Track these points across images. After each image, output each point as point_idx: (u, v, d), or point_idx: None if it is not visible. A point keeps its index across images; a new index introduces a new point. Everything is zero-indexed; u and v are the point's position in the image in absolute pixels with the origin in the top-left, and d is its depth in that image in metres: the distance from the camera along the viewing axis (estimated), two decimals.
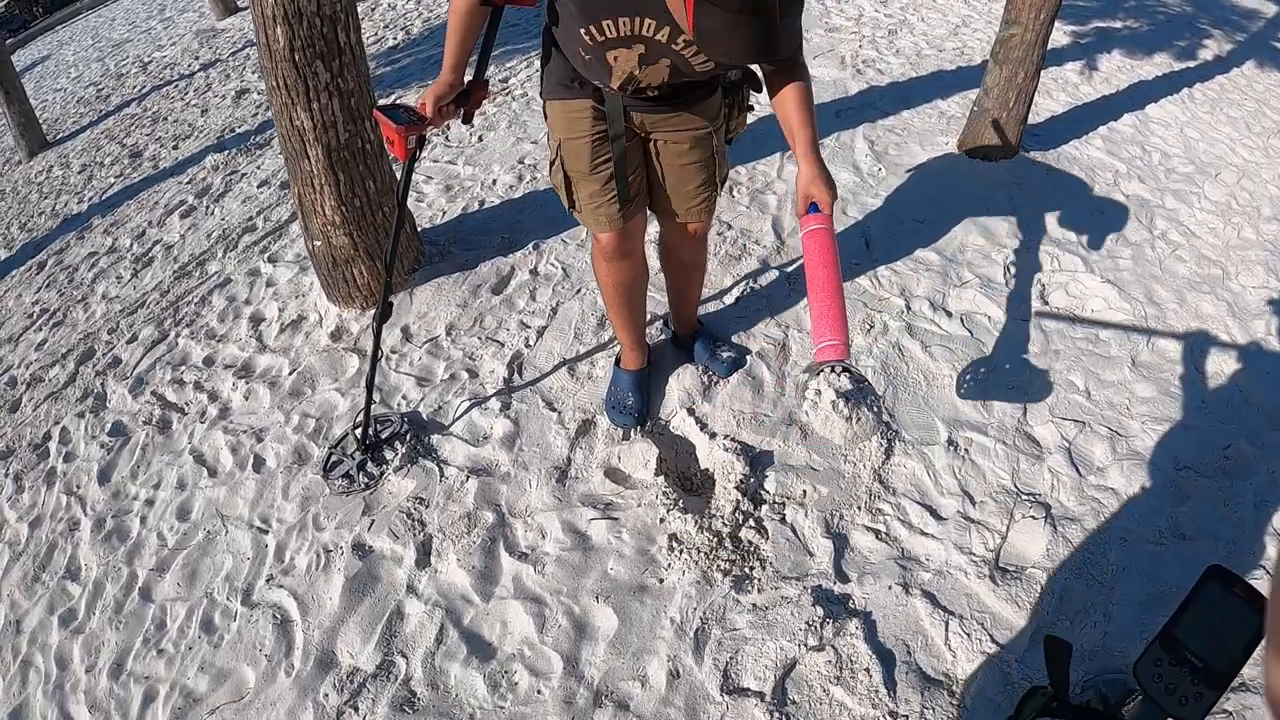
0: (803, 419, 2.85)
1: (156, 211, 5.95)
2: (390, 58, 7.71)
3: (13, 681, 2.89)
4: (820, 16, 6.56)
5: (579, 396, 3.18)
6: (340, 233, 3.57)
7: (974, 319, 3.37)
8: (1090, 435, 2.88)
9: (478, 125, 5.54)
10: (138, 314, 4.64)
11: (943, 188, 4.15)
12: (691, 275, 2.98)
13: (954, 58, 5.70)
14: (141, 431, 3.68)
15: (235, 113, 7.72)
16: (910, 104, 5.02)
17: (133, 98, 9.90)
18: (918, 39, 6.04)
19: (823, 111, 4.96)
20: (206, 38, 11.29)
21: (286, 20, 3.12)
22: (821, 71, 5.51)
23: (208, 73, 9.57)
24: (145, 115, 8.87)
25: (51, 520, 3.45)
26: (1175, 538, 2.53)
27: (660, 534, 2.64)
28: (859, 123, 4.80)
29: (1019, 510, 2.62)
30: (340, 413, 3.37)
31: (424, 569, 2.69)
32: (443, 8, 8.95)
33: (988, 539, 2.55)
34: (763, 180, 4.30)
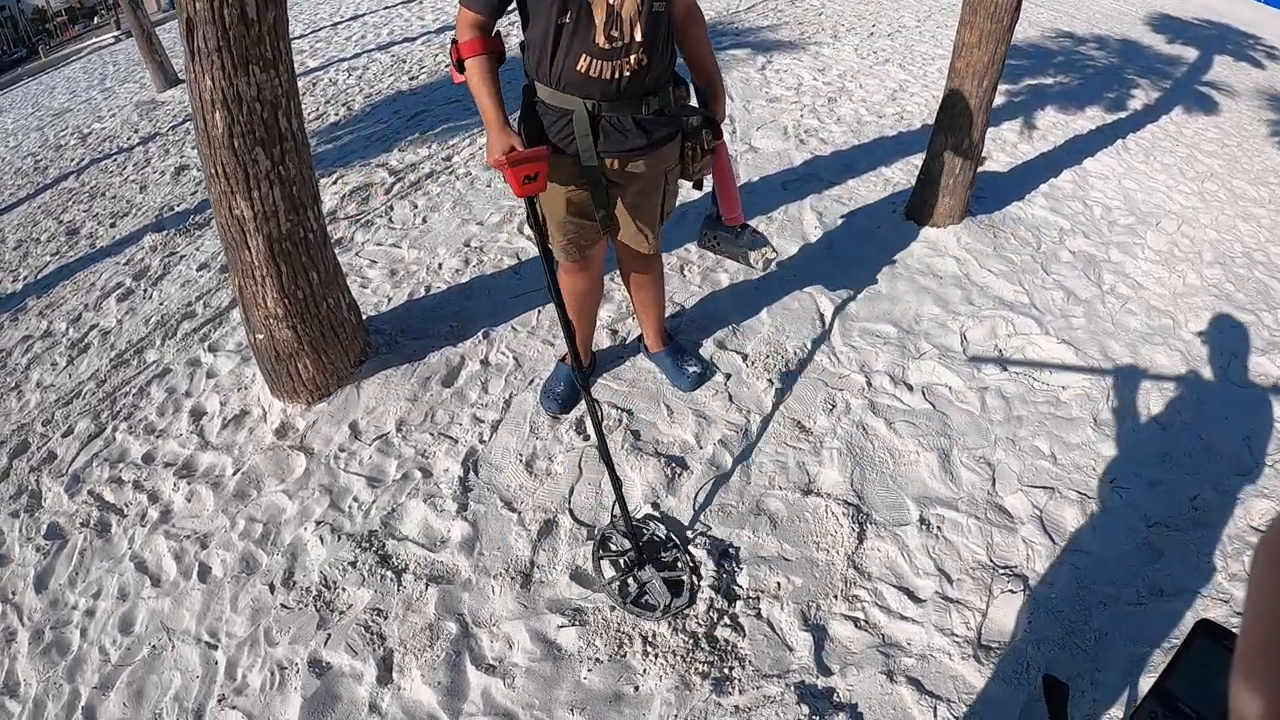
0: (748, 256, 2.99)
1: (93, 294, 5.76)
2: (332, 134, 7.62)
3: None
4: (760, 87, 6.64)
5: (538, 495, 3.07)
6: (283, 325, 3.43)
7: (935, 391, 3.35)
8: (1060, 501, 2.89)
9: (421, 206, 5.46)
10: (74, 404, 4.45)
11: (894, 257, 4.15)
12: (646, 290, 3.23)
13: (894, 123, 5.77)
14: (79, 534, 3.49)
15: (174, 190, 7.57)
16: (855, 173, 5.05)
17: (71, 171, 9.71)
18: (857, 106, 6.12)
19: (769, 184, 4.99)
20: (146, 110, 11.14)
21: (226, 105, 3.00)
22: (765, 143, 5.54)
23: (147, 147, 9.42)
24: (83, 190, 8.68)
25: None
26: (1154, 596, 2.54)
27: (634, 638, 2.53)
28: (805, 194, 4.81)
29: (997, 585, 2.60)
30: (288, 516, 3.21)
31: (386, 686, 2.54)
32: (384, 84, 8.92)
33: (968, 618, 2.51)
34: (713, 258, 4.25)
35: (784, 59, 7.32)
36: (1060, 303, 3.85)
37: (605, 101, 2.46)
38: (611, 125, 2.52)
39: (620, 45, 2.35)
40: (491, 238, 4.80)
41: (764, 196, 4.81)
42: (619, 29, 2.32)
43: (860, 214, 4.57)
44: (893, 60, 7.27)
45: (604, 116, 2.50)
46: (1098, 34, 9.00)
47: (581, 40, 2.35)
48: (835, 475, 2.99)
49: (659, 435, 3.21)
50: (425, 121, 7.31)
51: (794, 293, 3.90)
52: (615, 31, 2.32)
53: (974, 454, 3.08)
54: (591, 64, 2.38)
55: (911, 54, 7.49)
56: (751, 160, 5.33)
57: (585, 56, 2.37)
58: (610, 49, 2.35)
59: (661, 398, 3.37)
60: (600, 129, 2.52)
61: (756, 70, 7.04)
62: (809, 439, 3.15)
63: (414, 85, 8.56)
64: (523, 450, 3.25)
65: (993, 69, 3.93)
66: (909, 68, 7.05)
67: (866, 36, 8.02)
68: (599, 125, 2.51)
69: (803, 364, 3.48)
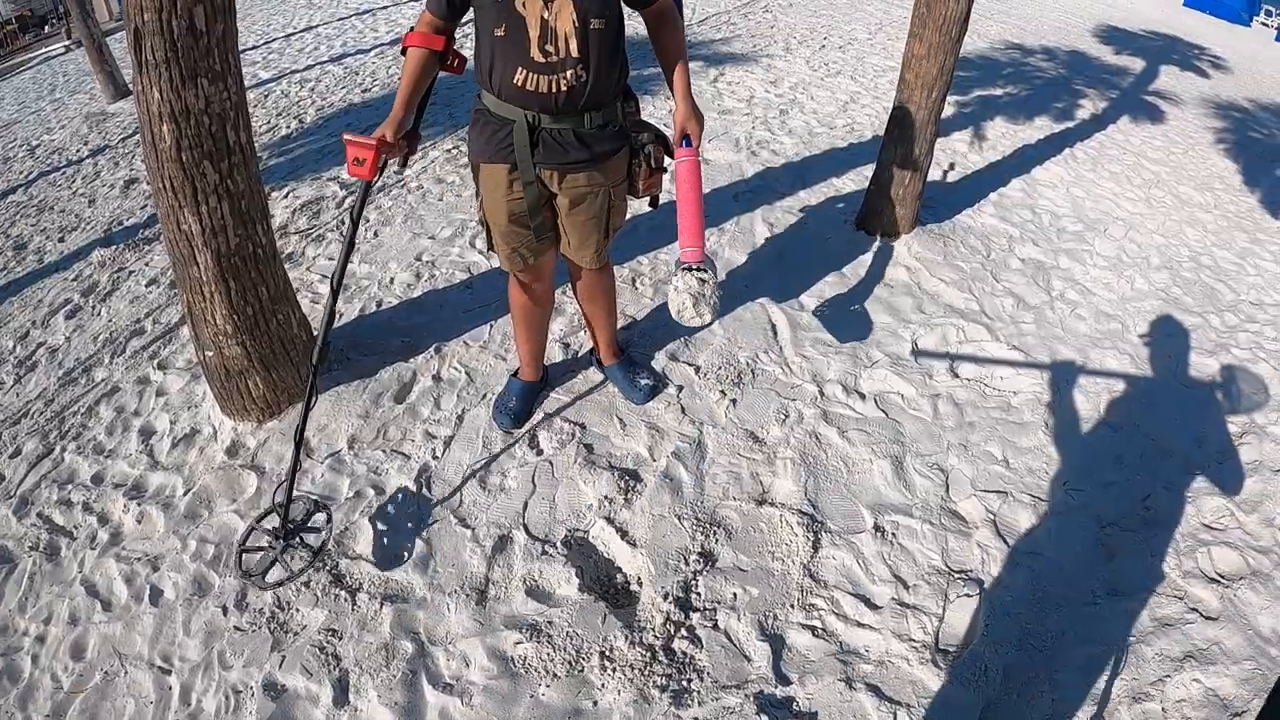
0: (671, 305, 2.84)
1: (41, 310, 5.66)
2: (283, 148, 7.53)
3: None
4: (713, 100, 6.67)
5: (492, 510, 3.05)
6: (233, 342, 3.39)
7: (887, 399, 3.38)
8: (1014, 504, 2.92)
9: (373, 220, 5.40)
10: (21, 424, 4.36)
11: (845, 267, 4.18)
12: (595, 303, 3.24)
13: (845, 134, 5.83)
14: (28, 558, 3.43)
15: (124, 204, 7.45)
16: (806, 183, 5.09)
17: (19, 184, 9.53)
18: (809, 118, 6.17)
19: (720, 195, 5.00)
20: (96, 121, 10.96)
21: (173, 118, 2.95)
22: (717, 155, 5.56)
23: (96, 159, 9.26)
24: (31, 204, 8.52)
25: None
26: (1109, 595, 2.58)
27: (591, 653, 2.52)
28: (757, 205, 4.84)
29: (953, 590, 2.62)
30: (241, 536, 3.16)
31: (343, 708, 2.52)
32: (337, 96, 8.83)
33: (925, 623, 2.53)
34: (665, 270, 4.26)
35: (736, 71, 7.36)
36: (1010, 309, 3.90)
37: (545, 114, 2.48)
38: (551, 138, 2.53)
39: (556, 60, 2.37)
40: (443, 252, 4.77)
41: (716, 208, 4.82)
42: (554, 44, 2.35)
43: (811, 224, 4.60)
44: (844, 72, 7.34)
45: (544, 129, 2.52)
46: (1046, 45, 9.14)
47: (517, 53, 2.39)
48: (789, 485, 3.00)
49: (612, 449, 3.21)
50: None
51: (746, 304, 3.92)
52: (550, 46, 2.35)
53: (927, 460, 3.11)
54: (528, 77, 2.40)
55: (863, 66, 7.57)
56: (704, 172, 5.33)
57: (521, 69, 2.40)
58: (546, 63, 2.37)
59: (614, 411, 3.37)
60: (540, 140, 2.54)
61: (709, 83, 7.07)
62: (762, 449, 3.16)
63: (366, 98, 8.49)
64: (475, 466, 3.23)
65: (941, 80, 3.98)
66: (860, 80, 7.11)
67: (818, 49, 8.08)
68: (538, 136, 2.53)
69: (755, 374, 3.50)
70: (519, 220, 2.75)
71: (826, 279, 4.10)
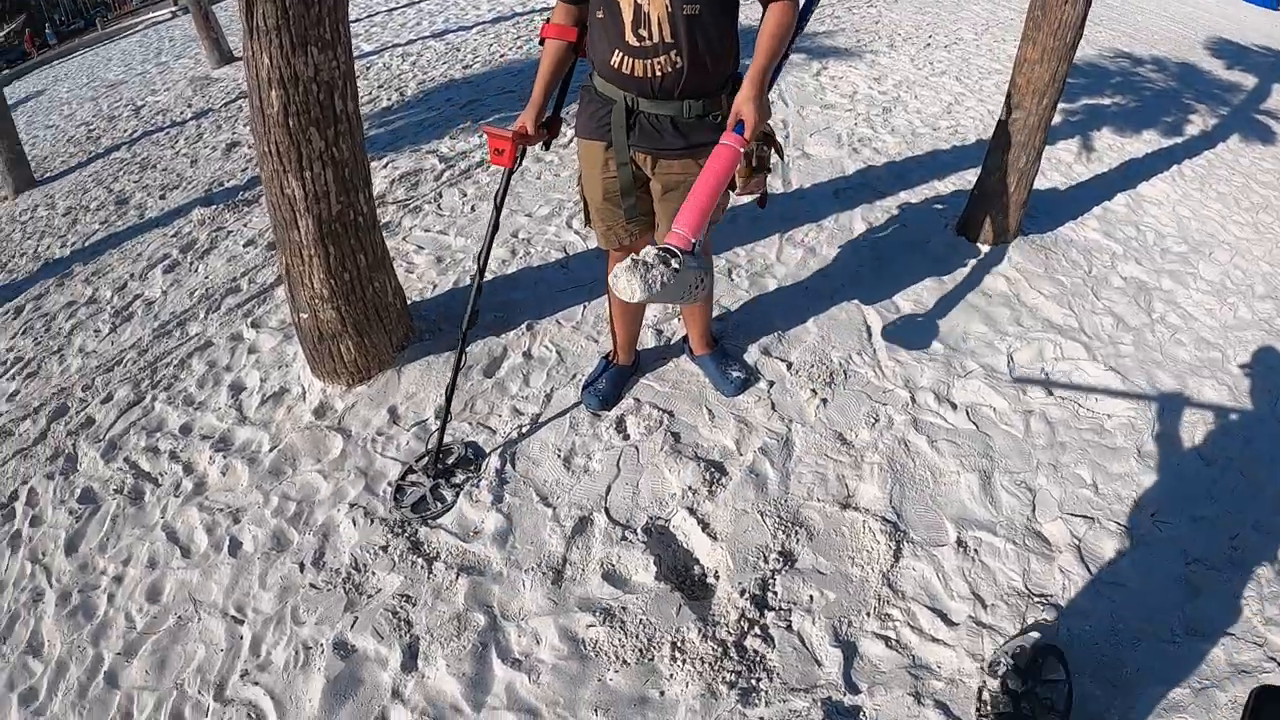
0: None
1: (139, 264, 5.81)
2: (384, 119, 7.64)
3: None
4: (815, 93, 6.57)
5: (575, 491, 3.04)
6: (328, 306, 3.43)
7: (979, 411, 3.29)
8: (1100, 531, 2.82)
9: (470, 195, 5.45)
10: (114, 372, 4.48)
11: (944, 272, 4.08)
12: None
13: (948, 136, 5.70)
14: (112, 501, 3.52)
15: (225, 166, 7.62)
16: (907, 184, 4.98)
17: (123, 141, 9.82)
18: (912, 117, 6.04)
19: (820, 191, 4.93)
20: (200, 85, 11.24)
21: (282, 84, 2.99)
22: (819, 150, 5.48)
23: (199, 122, 9.50)
24: (134, 161, 8.77)
25: (14, 588, 3.29)
26: (1188, 635, 2.48)
27: (663, 642, 2.50)
28: (857, 204, 4.75)
29: (1031, 613, 2.54)
30: (322, 496, 3.21)
31: (410, 673, 2.53)
32: (438, 71, 8.94)
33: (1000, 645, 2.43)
34: (761, 263, 4.21)
35: (840, 66, 7.25)
36: (1109, 329, 3.78)
37: (643, 97, 2.49)
38: (648, 122, 2.54)
39: (650, 45, 2.36)
40: (539, 230, 4.78)
41: (815, 203, 4.76)
42: (647, 28, 2.34)
43: (911, 226, 4.50)
44: (949, 72, 7.18)
45: (641, 112, 2.52)
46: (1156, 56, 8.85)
47: (613, 36, 2.41)
48: (875, 491, 2.94)
49: (699, 439, 3.18)
50: (478, 110, 7.30)
51: (841, 303, 3.85)
52: (643, 30, 2.35)
53: (1015, 478, 3.02)
54: (623, 60, 2.42)
55: (968, 67, 7.40)
56: (804, 166, 5.28)
57: (618, 52, 2.42)
58: (640, 47, 2.37)
59: (704, 401, 3.33)
60: (637, 123, 2.55)
61: (812, 76, 6.97)
62: (850, 452, 3.10)
63: (467, 74, 8.58)
64: (561, 445, 3.23)
65: (1053, 87, 3.86)
66: (965, 81, 6.96)
67: (923, 47, 7.93)
68: (635, 119, 2.54)
69: (847, 375, 3.43)
70: (612, 199, 2.78)
71: (924, 283, 4.01)
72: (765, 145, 2.58)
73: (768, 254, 4.30)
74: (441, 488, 3.10)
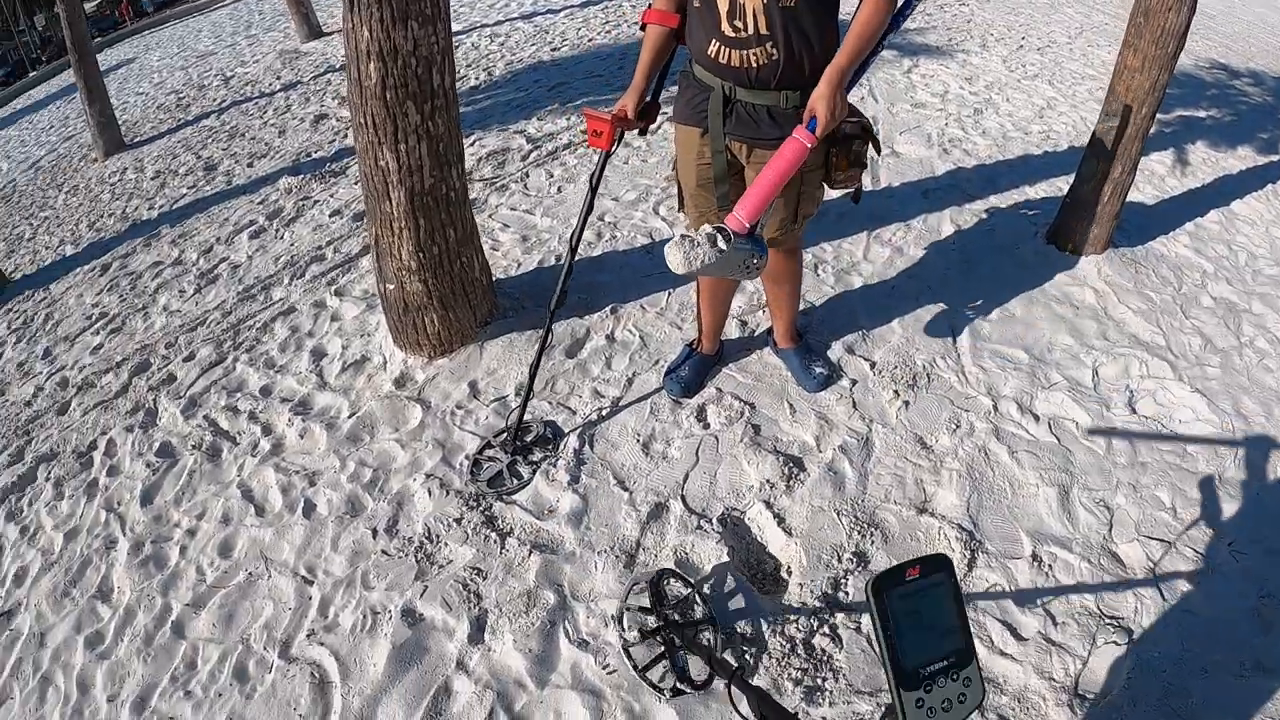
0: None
1: (226, 228, 5.93)
2: (471, 98, 7.71)
3: (30, 696, 2.80)
4: (906, 91, 6.48)
5: (652, 477, 3.02)
6: (415, 279, 3.46)
7: (1061, 424, 3.21)
8: (1175, 556, 2.72)
9: (557, 176, 5.48)
10: (197, 331, 4.58)
11: (1032, 280, 3.99)
12: (780, 285, 3.16)
13: (1040, 141, 5.58)
14: (190, 456, 3.60)
15: (313, 137, 7.75)
16: (997, 188, 4.88)
17: (212, 110, 10.03)
18: (1003, 120, 5.92)
19: (910, 191, 4.86)
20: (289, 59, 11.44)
21: (381, 57, 3.02)
22: (908, 149, 5.41)
23: (288, 94, 9.66)
24: (223, 129, 8.95)
25: (88, 534, 3.38)
26: (1257, 671, 2.38)
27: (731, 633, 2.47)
28: (946, 205, 4.67)
29: (1101, 634, 2.46)
30: (399, 465, 3.24)
31: (477, 645, 2.54)
32: (526, 52, 9.02)
33: (1069, 664, 2.38)
34: (848, 260, 4.16)
35: (931, 64, 7.15)
36: (1197, 349, 3.67)
37: (740, 87, 2.48)
38: (745, 111, 2.52)
39: (745, 35, 2.35)
40: (626, 215, 4.78)
41: (904, 203, 4.69)
42: (742, 19, 2.33)
43: (1001, 231, 4.41)
44: (1041, 76, 7.02)
45: (738, 101, 2.51)
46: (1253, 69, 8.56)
47: (709, 26, 2.41)
48: (952, 498, 2.89)
49: (779, 433, 3.15)
50: (565, 93, 7.35)
51: (927, 305, 3.79)
52: (739, 21, 2.34)
53: (1094, 495, 2.94)
54: (720, 50, 2.41)
55: (1061, 71, 7.23)
56: (894, 165, 5.21)
57: (715, 41, 2.42)
58: (736, 38, 2.36)
59: (785, 395, 3.30)
60: (734, 111, 2.53)
61: (903, 73, 6.89)
62: (929, 457, 3.05)
63: (555, 56, 8.63)
64: (641, 430, 3.22)
65: (1153, 96, 3.76)
66: (1058, 85, 6.80)
67: (1015, 49, 7.77)
68: (732, 107, 2.53)
69: (930, 379, 3.38)
70: (706, 185, 2.76)
71: (1011, 290, 3.93)
72: (863, 140, 2.56)
73: (855, 251, 4.25)
74: (519, 464, 3.11)
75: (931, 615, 1.12)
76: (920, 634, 1.11)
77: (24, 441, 4.15)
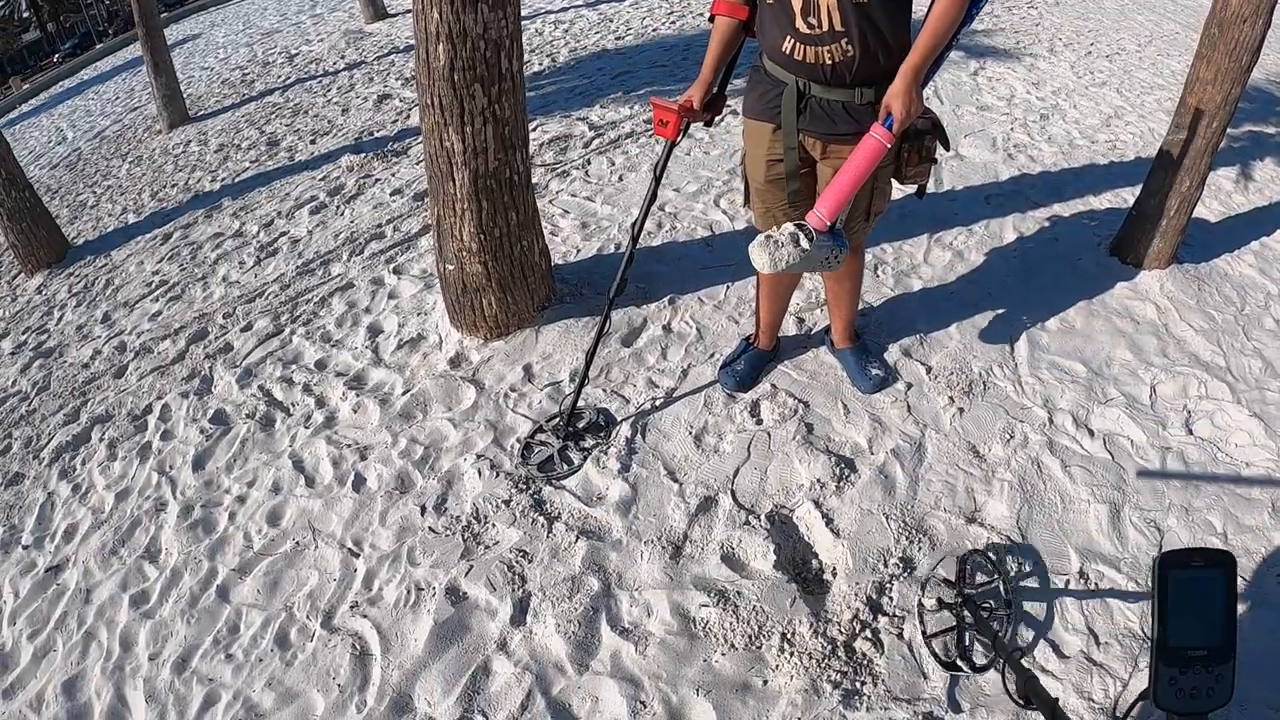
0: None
1: (287, 203, 6.01)
2: (534, 83, 7.74)
3: (73, 650, 2.87)
4: (971, 93, 6.40)
5: (703, 470, 3.01)
6: (475, 260, 3.48)
7: (1116, 441, 3.14)
8: None
9: (619, 164, 5.49)
10: (255, 303, 4.64)
11: (1093, 292, 3.92)
12: (841, 284, 3.14)
13: (1106, 151, 5.47)
14: (243, 424, 3.66)
15: (375, 116, 7.82)
16: (1061, 197, 4.80)
17: (276, 87, 10.16)
18: (1070, 127, 5.82)
19: (972, 195, 4.79)
20: (354, 39, 11.55)
21: (450, 39, 3.03)
22: (972, 152, 5.34)
23: (352, 73, 9.76)
24: (287, 106, 9.06)
25: (139, 496, 3.46)
26: None
27: (773, 632, 2.46)
28: (1009, 212, 4.60)
29: (1144, 658, 2.40)
30: (450, 444, 3.27)
31: (519, 627, 2.56)
32: (590, 40, 9.04)
33: (1109, 686, 2.34)
34: (908, 262, 4.12)
35: (997, 67, 7.04)
36: (1257, 373, 3.58)
37: (815, 83, 2.45)
38: (820, 107, 2.49)
39: (820, 32, 2.32)
40: (686, 206, 4.76)
41: (965, 207, 4.63)
42: (816, 16, 2.31)
43: (1063, 241, 4.33)
44: (1109, 84, 6.89)
45: (813, 97, 2.49)
46: None
47: (783, 22, 2.39)
48: (1003, 509, 2.85)
49: (832, 433, 3.13)
50: (629, 82, 7.35)
51: (985, 312, 3.74)
52: (813, 19, 2.31)
53: (1145, 515, 2.88)
54: (795, 46, 2.39)
55: (1130, 80, 7.09)
56: (957, 168, 5.15)
57: (789, 37, 2.40)
58: (811, 34, 2.34)
59: (840, 395, 3.28)
60: (808, 107, 2.51)
61: (969, 75, 6.80)
62: (982, 466, 3.01)
63: (619, 45, 8.65)
64: (693, 422, 3.21)
65: (1224, 110, 3.67)
66: (1126, 94, 6.67)
67: (1084, 55, 7.62)
68: (806, 103, 2.51)
69: (986, 387, 3.33)
70: (775, 181, 2.74)
71: (1072, 301, 3.85)
72: (933, 136, 2.55)
73: (915, 254, 4.20)
74: (570, 450, 3.12)
75: (1204, 604, 1.17)
76: (1190, 618, 1.17)
77: (80, 402, 4.25)
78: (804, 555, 2.74)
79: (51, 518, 3.54)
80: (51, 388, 4.57)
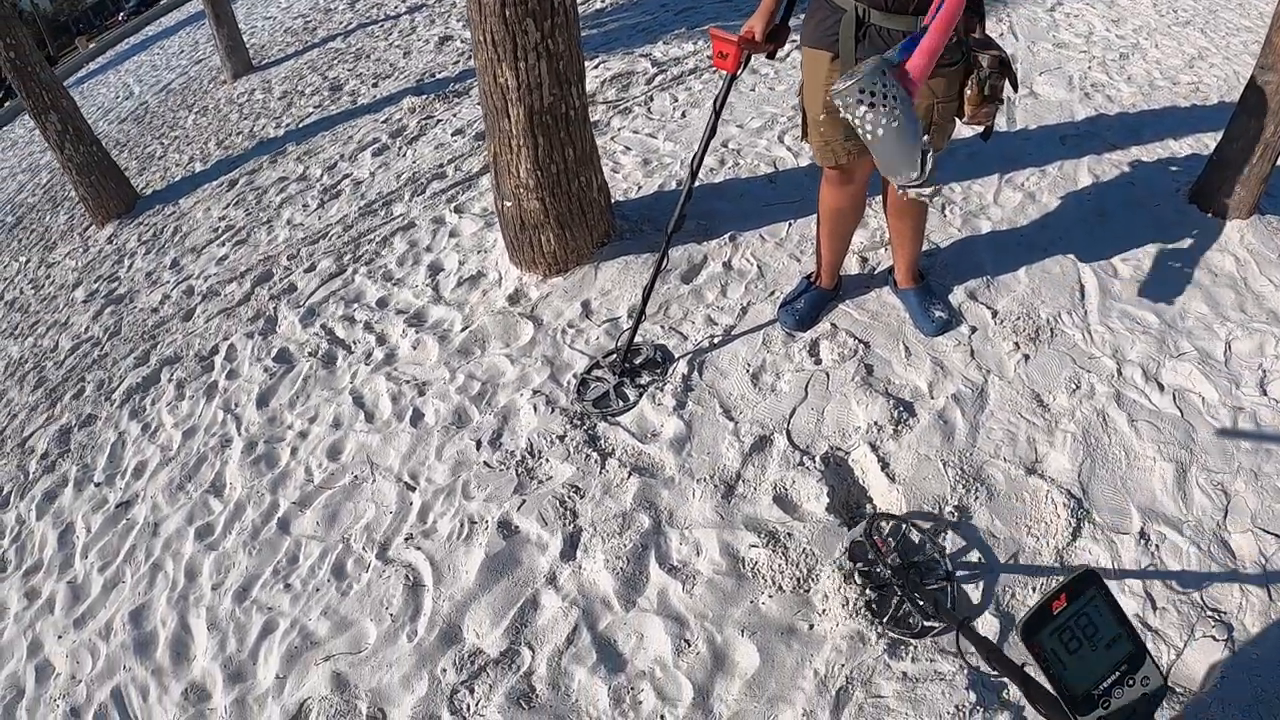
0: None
1: (350, 146, 6.04)
2: (596, 20, 7.66)
3: (140, 581, 2.98)
4: (1048, 29, 6.16)
5: (759, 409, 2.98)
6: (533, 197, 3.47)
7: (1187, 398, 3.03)
8: None
9: (681, 100, 5.41)
10: (319, 244, 4.69)
11: (1169, 241, 3.76)
12: (904, 221, 3.08)
13: (1188, 94, 5.25)
14: (306, 362, 3.72)
15: (437, 58, 7.81)
16: (1140, 139, 4.61)
17: (338, 33, 10.20)
18: (1150, 67, 5.58)
19: (1046, 135, 4.63)
20: None
21: None
22: (1047, 90, 5.15)
23: (413, 16, 9.75)
24: (349, 51, 9.10)
25: (205, 433, 3.54)
26: None
27: (821, 576, 2.43)
28: (1084, 153, 4.43)
29: (1200, 626, 2.32)
30: (507, 380, 3.29)
31: (568, 562, 2.57)
32: None
33: (1163, 652, 2.26)
34: (977, 203, 4.00)
35: (1075, 3, 6.74)
36: None
37: (875, 10, 2.37)
38: (879, 34, 2.41)
39: None
40: (750, 142, 4.68)
41: (1040, 148, 4.49)
42: None
43: (1140, 186, 4.16)
44: (1194, 23, 6.58)
45: (872, 24, 2.40)
46: None
47: None
48: (1064, 461, 2.77)
49: (891, 375, 3.06)
50: (693, 17, 7.23)
51: (1056, 256, 3.62)
52: None
53: (1213, 477, 2.76)
54: None
55: (1215, 20, 6.77)
56: (1031, 106, 4.98)
57: None
58: None
59: (901, 337, 3.21)
60: (867, 34, 2.42)
61: (1045, 11, 6.54)
62: (1045, 415, 2.93)
63: None
64: (751, 361, 3.17)
65: None
66: (1211, 34, 6.37)
67: None
68: (865, 31, 2.42)
69: (1053, 334, 3.24)
70: (834, 114, 2.61)
71: (1147, 249, 3.70)
72: (999, 75, 2.44)
73: (985, 194, 4.08)
74: (625, 386, 3.11)
75: (1091, 635, 1.13)
76: (1084, 658, 1.13)
77: (149, 346, 4.36)
78: (858, 499, 2.70)
79: (122, 456, 3.66)
80: (122, 333, 4.70)
